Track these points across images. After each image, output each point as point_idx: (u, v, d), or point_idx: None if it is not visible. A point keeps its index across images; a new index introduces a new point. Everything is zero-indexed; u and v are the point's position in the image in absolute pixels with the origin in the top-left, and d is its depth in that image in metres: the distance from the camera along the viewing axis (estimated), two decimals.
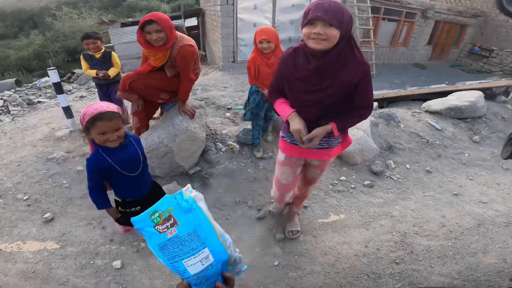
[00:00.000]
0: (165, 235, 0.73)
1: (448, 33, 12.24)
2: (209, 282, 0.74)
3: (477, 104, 4.22)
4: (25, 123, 4.24)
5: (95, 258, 2.21)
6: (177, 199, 0.75)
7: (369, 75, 1.54)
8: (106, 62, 3.31)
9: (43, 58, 16.99)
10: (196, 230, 0.73)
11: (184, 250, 0.72)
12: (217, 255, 0.74)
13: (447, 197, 2.98)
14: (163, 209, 0.74)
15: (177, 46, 2.31)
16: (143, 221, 0.75)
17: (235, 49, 8.18)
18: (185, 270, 0.72)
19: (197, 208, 0.76)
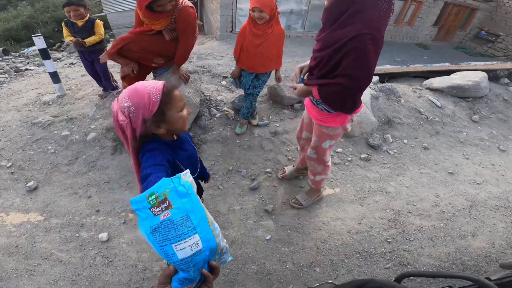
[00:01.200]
0: (158, 217, 0.72)
1: (456, 16, 11.99)
2: (195, 268, 0.74)
3: (480, 84, 4.13)
4: (10, 89, 4.07)
5: (80, 230, 2.14)
6: (174, 182, 0.75)
7: (363, 41, 1.38)
8: (88, 31, 3.11)
9: (32, 29, 16.44)
10: (189, 215, 0.73)
11: (175, 234, 0.72)
12: (206, 242, 0.74)
13: (442, 176, 2.94)
14: (159, 191, 0.74)
15: (178, 8, 2.19)
16: (140, 202, 0.74)
17: (234, 19, 7.87)
18: (174, 254, 0.72)
19: (192, 193, 0.76)
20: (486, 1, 11.73)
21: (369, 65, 1.45)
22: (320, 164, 2.13)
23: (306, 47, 8.20)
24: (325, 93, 1.63)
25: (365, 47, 1.39)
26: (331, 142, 1.98)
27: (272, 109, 3.39)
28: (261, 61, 2.54)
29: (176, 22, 2.26)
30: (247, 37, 2.48)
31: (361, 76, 1.47)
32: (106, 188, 2.46)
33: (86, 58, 3.25)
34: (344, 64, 1.46)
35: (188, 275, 0.73)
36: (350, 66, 1.45)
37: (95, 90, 3.54)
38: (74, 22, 3.05)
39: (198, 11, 12.18)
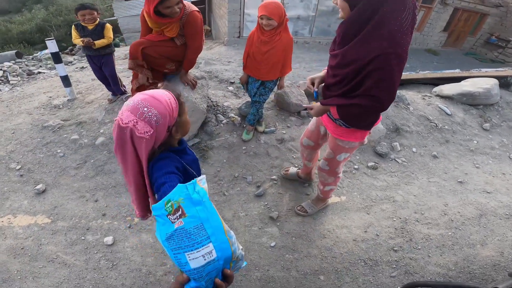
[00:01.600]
0: (173, 225, 0.73)
1: (466, 21, 11.89)
2: (208, 278, 0.73)
3: (491, 91, 4.05)
4: (23, 92, 4.17)
5: (86, 233, 2.16)
6: (188, 189, 0.74)
7: (387, 61, 1.29)
8: (98, 34, 3.16)
9: (46, 32, 16.79)
10: (203, 224, 0.72)
11: (188, 243, 0.71)
12: (221, 252, 0.73)
13: (451, 184, 2.89)
14: (174, 199, 0.74)
15: (186, 12, 2.22)
16: (159, 209, 0.75)
17: (241, 25, 7.94)
18: (186, 263, 0.71)
19: (207, 201, 0.75)
20: (497, 7, 11.61)
21: (394, 86, 1.37)
22: (331, 176, 2.10)
23: (313, 53, 8.22)
24: (345, 114, 1.57)
25: (390, 67, 1.30)
26: (346, 155, 1.92)
27: (278, 115, 3.38)
28: (267, 68, 2.53)
29: (184, 27, 2.28)
30: (255, 43, 2.47)
31: (385, 97, 1.39)
32: (113, 192, 2.48)
33: (95, 63, 3.30)
34: (367, 84, 1.38)
35: (200, 284, 0.72)
36: (374, 86, 1.37)
37: (104, 94, 3.60)
38: (84, 25, 3.11)
39: (206, 16, 12.33)
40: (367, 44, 1.32)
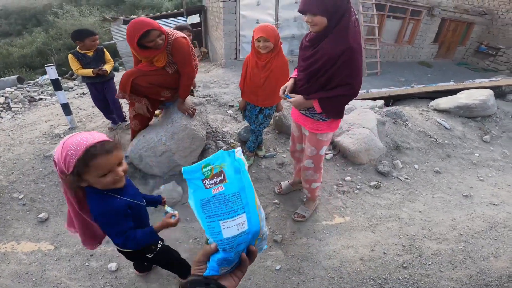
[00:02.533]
0: (210, 190, 0.70)
1: (455, 32, 12.12)
2: (236, 251, 0.70)
3: (487, 103, 4.10)
4: (24, 120, 4.19)
5: (90, 260, 2.15)
6: (230, 156, 0.72)
7: (351, 56, 1.66)
8: (101, 59, 3.16)
9: (46, 56, 17.01)
10: (240, 193, 0.70)
11: (225, 211, 0.69)
12: (251, 225, 0.70)
13: (457, 199, 2.88)
14: (216, 163, 0.71)
15: (170, 40, 2.25)
16: (193, 172, 0.72)
17: (238, 46, 8.09)
18: (219, 232, 0.68)
19: (245, 171, 0.72)
20: (481, 15, 11.89)
21: (361, 72, 1.76)
22: (316, 172, 2.26)
23: None
24: (328, 105, 1.85)
25: (356, 58, 1.68)
26: (326, 147, 2.15)
27: (278, 139, 3.40)
28: (265, 94, 2.53)
29: (172, 55, 2.31)
30: (251, 68, 2.48)
31: (358, 83, 1.77)
32: None
33: (98, 90, 3.27)
34: (343, 73, 1.71)
35: (229, 256, 0.69)
36: (348, 75, 1.71)
37: (105, 122, 3.63)
38: (83, 53, 3.08)
39: (203, 38, 12.57)
40: (336, 42, 1.66)
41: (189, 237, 2.33)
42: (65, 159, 1.04)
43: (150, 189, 2.68)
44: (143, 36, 2.03)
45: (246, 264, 0.75)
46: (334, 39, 1.67)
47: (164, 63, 2.34)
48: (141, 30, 2.01)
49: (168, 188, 2.59)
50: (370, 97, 4.65)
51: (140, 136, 2.69)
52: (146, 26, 2.02)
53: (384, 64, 10.02)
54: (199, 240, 2.29)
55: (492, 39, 12.23)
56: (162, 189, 2.59)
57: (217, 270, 0.70)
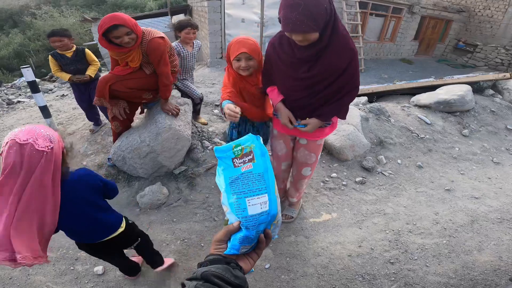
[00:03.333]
0: (239, 169, 0.74)
1: (434, 29, 12.45)
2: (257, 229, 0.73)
3: (465, 98, 4.21)
4: (2, 123, 4.05)
5: (75, 263, 2.10)
6: (258, 140, 0.77)
7: (356, 60, 1.58)
8: (81, 60, 3.06)
9: (24, 57, 16.50)
10: (264, 174, 0.74)
11: (252, 188, 0.72)
12: (272, 206, 0.73)
13: (439, 193, 2.94)
14: (246, 144, 0.75)
15: (146, 40, 2.19)
16: (225, 151, 0.76)
17: (223, 45, 8.05)
18: (245, 208, 0.72)
19: (268, 156, 0.77)
20: (459, 12, 12.26)
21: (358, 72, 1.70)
22: (310, 177, 2.24)
23: None
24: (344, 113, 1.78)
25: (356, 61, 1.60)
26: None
27: None
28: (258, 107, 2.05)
29: (148, 55, 2.26)
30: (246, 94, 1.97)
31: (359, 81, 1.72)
32: None
33: (82, 91, 3.18)
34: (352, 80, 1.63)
35: (251, 234, 0.72)
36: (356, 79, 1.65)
37: (86, 124, 3.53)
38: (62, 53, 2.99)
39: None
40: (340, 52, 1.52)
41: (176, 238, 2.30)
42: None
43: (135, 191, 2.63)
44: (109, 30, 1.97)
45: (262, 246, 0.76)
46: (337, 49, 1.50)
47: (138, 64, 2.27)
48: (109, 23, 1.95)
49: (154, 190, 2.55)
50: None
51: (123, 137, 2.63)
52: (115, 20, 1.96)
53: (368, 61, 10.20)
54: (186, 241, 2.26)
55: (469, 36, 12.63)
56: (147, 191, 2.54)
57: (238, 248, 0.72)
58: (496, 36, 11.66)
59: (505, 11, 11.27)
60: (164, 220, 2.43)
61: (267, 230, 0.76)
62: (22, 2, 24.00)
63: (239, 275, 0.67)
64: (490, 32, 11.89)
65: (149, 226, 2.37)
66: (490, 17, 11.82)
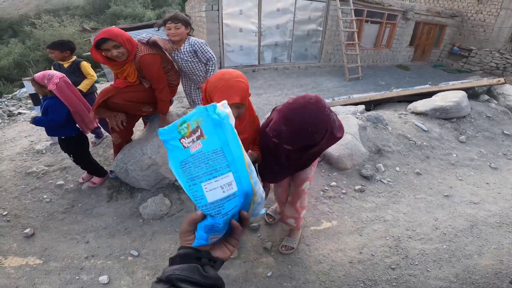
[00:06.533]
0: (188, 150, 0.63)
1: (428, 34, 12.58)
2: (225, 217, 0.62)
3: (461, 104, 4.27)
4: (4, 136, 4.08)
5: (80, 273, 2.13)
6: (208, 110, 0.63)
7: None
8: (75, 72, 3.10)
9: (24, 68, 16.51)
10: (223, 148, 0.62)
11: (206, 170, 0.61)
12: (241, 185, 0.62)
13: (438, 199, 2.98)
14: (192, 119, 0.63)
15: (138, 56, 2.24)
16: (169, 132, 0.65)
17: (222, 55, 8.13)
18: (202, 196, 0.61)
19: (228, 124, 0.64)
20: (452, 17, 12.40)
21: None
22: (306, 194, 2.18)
23: (293, 78, 8.46)
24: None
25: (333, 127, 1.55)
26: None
27: None
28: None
29: (142, 69, 2.30)
30: None
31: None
32: (104, 233, 2.45)
33: None
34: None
35: (217, 222, 0.62)
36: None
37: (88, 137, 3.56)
38: (60, 63, 3.06)
39: None
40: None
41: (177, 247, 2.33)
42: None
43: (138, 203, 2.66)
44: (99, 43, 2.08)
45: (238, 232, 0.68)
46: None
47: (135, 79, 2.33)
48: (99, 36, 2.06)
49: (156, 201, 2.58)
50: (352, 102, 4.76)
51: (125, 150, 2.68)
52: (104, 34, 2.07)
53: (365, 68, 10.30)
54: None
55: (463, 41, 12.74)
56: (150, 202, 2.58)
57: (205, 238, 0.63)
58: (489, 40, 11.79)
59: (497, 15, 11.39)
60: (167, 230, 2.47)
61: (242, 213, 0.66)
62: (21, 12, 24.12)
63: (209, 274, 0.61)
64: (484, 36, 12.02)
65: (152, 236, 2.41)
66: (483, 21, 11.96)
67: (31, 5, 24.84)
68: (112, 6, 21.37)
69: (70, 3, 23.97)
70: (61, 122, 2.40)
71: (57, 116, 2.36)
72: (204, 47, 2.64)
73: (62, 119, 2.39)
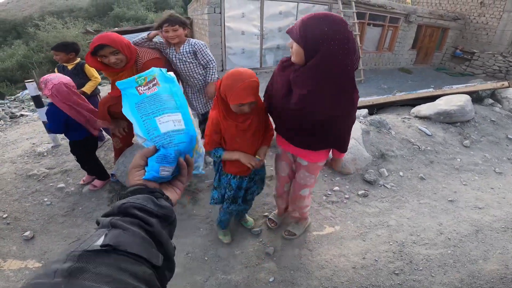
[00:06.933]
0: (145, 94, 0.73)
1: (431, 37, 12.56)
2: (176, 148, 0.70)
3: (465, 108, 4.24)
4: (6, 138, 4.08)
5: None
6: (162, 70, 0.77)
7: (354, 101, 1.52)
8: (78, 74, 3.09)
9: (27, 69, 16.58)
10: (173, 96, 0.74)
11: (160, 107, 0.71)
12: (188, 126, 0.73)
13: (442, 204, 2.95)
14: (148, 74, 0.76)
15: (141, 62, 2.20)
16: (128, 83, 0.75)
17: (224, 58, 8.14)
18: (156, 127, 0.70)
19: (176, 82, 0.78)
20: (455, 20, 12.37)
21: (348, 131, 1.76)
22: (309, 197, 2.22)
23: None
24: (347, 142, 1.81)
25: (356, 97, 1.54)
26: None
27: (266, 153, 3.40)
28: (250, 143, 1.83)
29: None
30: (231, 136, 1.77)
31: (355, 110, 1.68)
32: None
33: None
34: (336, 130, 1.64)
35: (168, 152, 0.69)
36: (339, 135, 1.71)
37: None
38: (64, 65, 3.05)
39: None
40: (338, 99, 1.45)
41: (180, 251, 2.30)
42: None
43: None
44: (97, 49, 1.99)
45: (184, 172, 0.72)
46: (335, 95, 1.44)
47: None
48: (96, 42, 1.97)
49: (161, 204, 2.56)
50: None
51: (127, 153, 2.67)
52: (102, 40, 1.97)
53: (367, 71, 10.28)
54: (190, 255, 2.26)
55: (466, 44, 12.71)
56: None
57: (157, 170, 0.67)
58: (492, 43, 11.76)
59: (500, 18, 11.36)
60: None
61: (187, 156, 0.73)
62: (25, 13, 24.32)
63: (163, 204, 0.61)
64: (486, 39, 11.98)
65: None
66: (485, 24, 11.93)
67: (35, 7, 25.06)
68: (115, 9, 21.53)
69: (73, 5, 24.15)
70: (59, 132, 2.41)
71: (55, 126, 2.37)
72: (204, 49, 2.62)
73: (60, 129, 2.39)
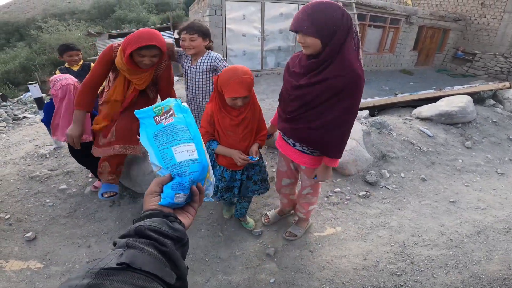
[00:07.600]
0: (162, 124, 0.76)
1: (432, 38, 12.56)
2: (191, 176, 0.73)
3: (467, 109, 4.24)
4: (8, 140, 4.10)
5: None
6: (177, 101, 0.81)
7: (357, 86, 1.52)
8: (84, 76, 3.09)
9: (30, 71, 16.64)
10: (188, 126, 0.78)
11: (176, 137, 0.75)
12: (201, 156, 0.77)
13: (444, 205, 2.94)
14: (165, 104, 0.79)
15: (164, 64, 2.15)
16: (145, 112, 0.78)
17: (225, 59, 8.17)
18: (172, 156, 0.73)
19: (190, 113, 0.81)
20: (456, 21, 12.36)
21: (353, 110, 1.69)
22: (315, 195, 2.22)
23: None
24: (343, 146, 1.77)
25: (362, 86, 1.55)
26: None
27: (267, 154, 3.41)
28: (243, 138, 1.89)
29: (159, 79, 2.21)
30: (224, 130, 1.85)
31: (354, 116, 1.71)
32: (106, 238, 2.44)
33: None
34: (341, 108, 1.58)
35: (183, 180, 0.72)
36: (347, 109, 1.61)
37: None
38: (69, 67, 3.06)
39: None
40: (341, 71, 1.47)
41: None
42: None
43: (140, 208, 2.65)
44: (143, 48, 1.78)
45: (196, 199, 0.76)
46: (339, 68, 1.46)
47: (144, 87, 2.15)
48: (147, 41, 1.77)
49: None
50: None
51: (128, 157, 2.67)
52: (153, 40, 1.78)
53: (368, 73, 10.29)
54: (191, 256, 2.27)
55: (467, 45, 12.71)
56: None
57: (172, 196, 0.71)
58: (494, 44, 11.75)
59: (501, 19, 11.36)
60: None
61: (199, 184, 0.77)
62: (28, 15, 24.45)
63: (177, 227, 0.64)
64: (488, 40, 11.98)
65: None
66: (487, 25, 11.93)
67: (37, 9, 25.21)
68: (117, 11, 21.59)
69: (76, 7, 24.27)
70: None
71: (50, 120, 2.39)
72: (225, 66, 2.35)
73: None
